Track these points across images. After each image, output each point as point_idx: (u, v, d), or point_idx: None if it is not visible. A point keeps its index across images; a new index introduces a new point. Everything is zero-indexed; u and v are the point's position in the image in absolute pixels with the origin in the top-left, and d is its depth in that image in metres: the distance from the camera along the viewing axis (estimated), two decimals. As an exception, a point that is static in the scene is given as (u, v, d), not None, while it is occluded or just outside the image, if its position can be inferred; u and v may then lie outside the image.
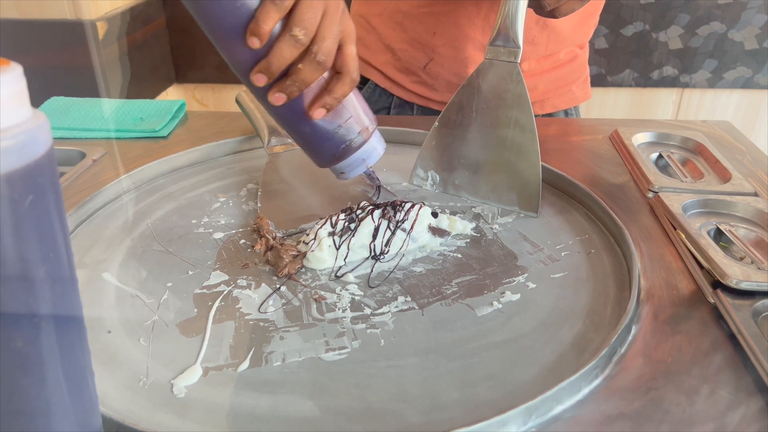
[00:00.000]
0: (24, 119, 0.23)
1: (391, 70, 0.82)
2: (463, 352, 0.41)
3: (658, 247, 0.53)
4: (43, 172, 0.24)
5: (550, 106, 0.82)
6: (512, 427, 0.35)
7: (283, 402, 0.37)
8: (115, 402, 0.37)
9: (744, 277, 0.45)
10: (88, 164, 0.67)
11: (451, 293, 0.47)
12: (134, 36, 1.24)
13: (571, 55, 0.81)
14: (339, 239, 0.50)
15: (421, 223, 0.52)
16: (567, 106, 0.83)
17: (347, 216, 0.51)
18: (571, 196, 0.61)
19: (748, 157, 0.69)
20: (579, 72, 0.83)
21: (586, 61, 0.85)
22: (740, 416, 0.36)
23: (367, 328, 0.43)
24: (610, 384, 0.38)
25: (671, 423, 0.35)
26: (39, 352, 0.25)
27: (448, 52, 0.77)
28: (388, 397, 0.37)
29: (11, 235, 0.23)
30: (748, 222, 0.55)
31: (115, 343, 0.42)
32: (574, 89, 0.83)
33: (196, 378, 0.39)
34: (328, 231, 0.50)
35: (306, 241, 0.50)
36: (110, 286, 0.48)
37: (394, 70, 0.82)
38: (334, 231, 0.50)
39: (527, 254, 0.52)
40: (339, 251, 0.50)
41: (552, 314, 0.45)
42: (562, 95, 0.82)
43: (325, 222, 0.50)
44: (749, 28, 1.36)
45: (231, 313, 0.45)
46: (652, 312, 0.45)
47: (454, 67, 0.78)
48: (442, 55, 0.78)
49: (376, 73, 0.84)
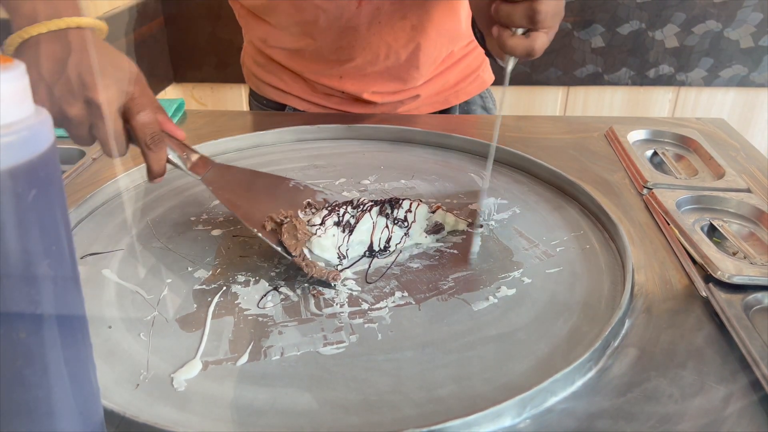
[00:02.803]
0: (27, 115, 0.24)
1: (307, 94, 0.83)
2: (459, 345, 0.42)
3: (652, 242, 0.53)
4: (46, 167, 0.24)
5: (465, 94, 0.86)
6: (507, 418, 0.36)
7: (281, 395, 0.38)
8: (116, 395, 0.38)
9: (736, 272, 0.46)
10: (87, 162, 0.67)
11: (448, 288, 0.48)
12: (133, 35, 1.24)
13: (473, 44, 0.84)
14: (342, 233, 0.50)
15: (418, 221, 0.53)
16: (479, 90, 0.87)
17: (353, 209, 0.51)
18: (567, 193, 0.62)
19: (741, 154, 0.70)
20: (480, 58, 0.86)
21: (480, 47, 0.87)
22: (732, 408, 0.36)
23: (364, 323, 0.44)
24: (604, 376, 0.39)
25: (664, 415, 0.36)
26: (41, 343, 0.25)
27: (354, 71, 0.78)
28: (385, 389, 0.38)
29: (15, 229, 0.23)
30: (741, 218, 0.56)
31: (116, 338, 0.42)
32: (480, 74, 0.87)
33: (195, 372, 0.40)
34: (335, 221, 0.51)
35: (312, 223, 0.51)
36: (110, 283, 0.48)
37: (310, 94, 0.83)
38: (340, 221, 0.51)
39: (523, 250, 0.53)
40: (339, 249, 0.50)
41: (547, 308, 0.45)
42: (472, 81, 0.86)
43: (332, 211, 0.51)
44: (745, 26, 1.36)
45: (230, 309, 0.45)
46: (645, 306, 0.45)
47: (362, 81, 0.79)
48: (351, 73, 0.78)
49: (293, 98, 0.84)
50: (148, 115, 0.47)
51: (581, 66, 1.42)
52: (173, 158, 0.51)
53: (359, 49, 0.75)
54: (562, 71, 1.43)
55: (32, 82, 0.24)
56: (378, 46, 0.75)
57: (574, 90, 1.46)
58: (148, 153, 0.49)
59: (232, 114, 0.84)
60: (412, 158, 0.70)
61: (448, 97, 0.85)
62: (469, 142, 0.71)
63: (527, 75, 1.43)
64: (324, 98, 0.82)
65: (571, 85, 1.45)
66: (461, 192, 0.63)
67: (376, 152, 0.72)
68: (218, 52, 1.39)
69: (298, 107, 0.84)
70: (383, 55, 0.76)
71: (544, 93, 1.47)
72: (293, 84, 0.82)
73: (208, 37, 1.39)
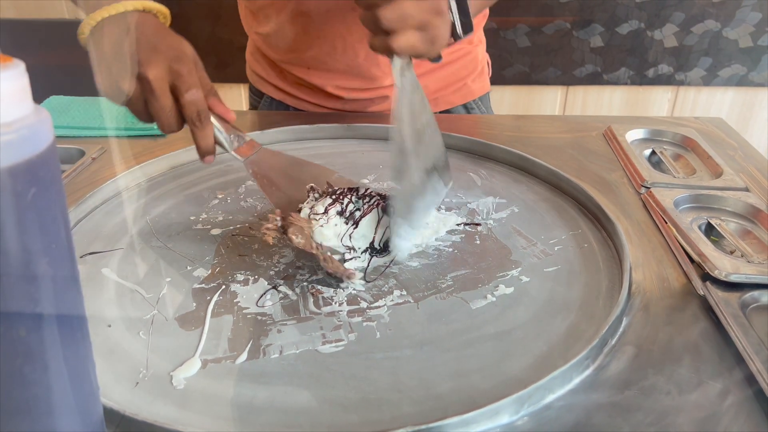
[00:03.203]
0: (26, 114, 0.24)
1: (281, 83, 0.84)
2: (457, 343, 0.42)
3: (650, 241, 0.53)
4: (46, 165, 0.24)
5: (445, 103, 0.84)
6: (505, 415, 0.36)
7: (280, 393, 0.38)
8: (116, 393, 0.38)
9: (733, 270, 0.46)
10: (87, 162, 0.67)
11: (446, 287, 0.48)
12: (132, 35, 1.25)
13: (462, 52, 0.82)
14: (345, 224, 0.51)
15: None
16: (464, 100, 0.85)
17: (357, 199, 0.51)
18: (565, 192, 0.62)
19: (739, 153, 0.70)
20: (472, 66, 0.84)
21: (478, 55, 0.86)
22: (728, 404, 0.36)
23: (363, 321, 0.44)
24: (601, 374, 0.39)
25: (661, 411, 0.36)
26: (41, 341, 0.25)
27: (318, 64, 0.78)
28: (384, 387, 0.38)
29: (15, 227, 0.23)
30: (739, 216, 0.56)
31: (115, 337, 0.43)
32: (469, 83, 0.85)
33: (195, 370, 0.40)
34: (338, 210, 0.51)
35: (316, 211, 0.51)
36: (110, 282, 0.48)
37: (285, 84, 0.84)
38: (343, 211, 0.51)
39: (521, 249, 0.53)
40: (342, 241, 0.50)
41: (545, 307, 0.46)
42: (456, 91, 0.84)
43: (335, 201, 0.51)
44: (743, 26, 1.37)
45: (229, 307, 0.46)
46: (643, 304, 0.46)
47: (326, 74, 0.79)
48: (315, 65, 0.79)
49: (270, 87, 0.85)
50: (196, 93, 0.50)
51: (580, 66, 1.42)
52: (220, 138, 0.53)
53: (315, 38, 0.76)
54: (561, 71, 1.43)
55: (95, 63, 0.25)
56: (333, 37, 0.75)
57: (574, 90, 1.46)
58: (195, 130, 0.51)
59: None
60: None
61: None
62: (468, 141, 0.71)
63: (526, 75, 1.43)
64: (296, 88, 0.83)
65: (571, 85, 1.45)
66: (459, 191, 0.63)
67: (375, 151, 0.72)
68: (218, 52, 1.40)
69: (275, 96, 0.85)
70: (340, 48, 0.75)
71: (543, 93, 1.47)
72: (271, 71, 0.84)
73: (207, 37, 1.39)
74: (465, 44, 0.83)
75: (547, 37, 1.39)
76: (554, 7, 1.36)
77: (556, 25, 1.38)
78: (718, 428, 0.35)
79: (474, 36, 0.85)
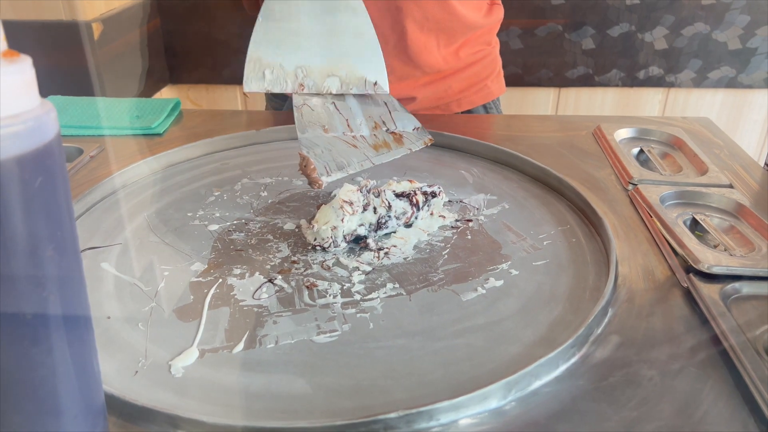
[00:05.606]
0: (33, 106, 0.25)
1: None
2: (448, 333, 0.43)
3: (636, 235, 0.55)
4: (51, 155, 0.26)
5: (467, 103, 0.87)
6: (493, 401, 0.37)
7: (276, 380, 0.39)
8: (116, 381, 0.39)
9: (715, 262, 0.47)
10: (85, 160, 0.68)
11: (438, 280, 0.49)
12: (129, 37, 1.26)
13: (483, 53, 0.84)
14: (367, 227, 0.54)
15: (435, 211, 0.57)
16: (484, 101, 0.88)
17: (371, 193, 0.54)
18: (555, 189, 0.63)
19: (725, 151, 0.71)
20: (491, 67, 0.87)
21: (496, 57, 0.88)
22: (708, 388, 0.38)
23: (356, 313, 0.45)
24: (587, 361, 0.40)
25: (644, 396, 0.37)
26: (46, 324, 0.27)
27: None
28: (377, 375, 0.39)
29: (22, 214, 0.25)
30: (723, 212, 0.57)
31: (115, 328, 0.44)
32: (489, 84, 0.87)
33: (192, 359, 0.41)
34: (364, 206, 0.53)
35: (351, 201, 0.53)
36: (109, 276, 0.50)
37: None
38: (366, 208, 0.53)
39: (511, 243, 0.54)
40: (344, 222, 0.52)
41: (533, 298, 0.47)
42: (478, 91, 0.86)
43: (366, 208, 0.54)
44: (733, 28, 1.39)
45: (226, 300, 0.47)
46: (628, 296, 0.47)
47: None
48: None
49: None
50: None
51: (572, 67, 1.44)
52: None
53: None
54: (554, 73, 1.44)
55: None
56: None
57: (566, 91, 1.48)
58: None
59: (228, 113, 0.85)
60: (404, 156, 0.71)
61: (449, 103, 0.86)
62: (460, 140, 0.72)
63: (519, 76, 1.45)
64: None
65: (563, 87, 1.47)
66: (451, 188, 0.64)
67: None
68: (214, 54, 1.41)
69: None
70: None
71: (535, 94, 1.49)
72: None
73: (203, 38, 1.40)
74: (484, 46, 0.85)
75: (539, 39, 1.41)
76: (546, 9, 1.38)
77: (548, 27, 1.40)
78: (698, 411, 0.36)
79: (492, 38, 0.87)
